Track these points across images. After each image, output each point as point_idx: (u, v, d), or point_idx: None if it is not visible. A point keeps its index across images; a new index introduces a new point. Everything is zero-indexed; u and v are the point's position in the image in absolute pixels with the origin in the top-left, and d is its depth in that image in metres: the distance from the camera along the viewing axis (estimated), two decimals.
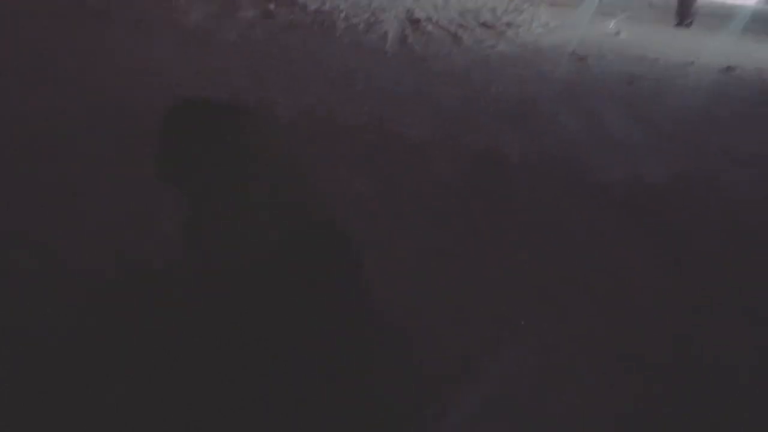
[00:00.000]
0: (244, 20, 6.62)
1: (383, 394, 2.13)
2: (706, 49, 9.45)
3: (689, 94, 6.70)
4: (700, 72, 7.82)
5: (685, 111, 5.94)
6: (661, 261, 3.25)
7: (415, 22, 8.29)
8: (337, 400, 2.01)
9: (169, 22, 6.24)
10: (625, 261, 3.20)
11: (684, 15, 11.17)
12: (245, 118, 2.57)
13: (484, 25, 9.21)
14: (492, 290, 2.74)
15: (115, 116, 3.84)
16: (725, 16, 12.47)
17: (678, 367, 2.44)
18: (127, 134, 3.49)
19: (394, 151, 4.12)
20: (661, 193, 4.07)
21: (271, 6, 7.02)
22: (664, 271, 3.15)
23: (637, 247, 3.37)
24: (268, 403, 1.96)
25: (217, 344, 2.05)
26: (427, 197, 3.59)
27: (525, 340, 2.40)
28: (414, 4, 8.98)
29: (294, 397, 1.98)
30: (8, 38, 5.00)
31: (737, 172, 4.40)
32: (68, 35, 5.29)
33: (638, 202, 3.89)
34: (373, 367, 2.15)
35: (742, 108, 6.50)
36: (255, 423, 1.98)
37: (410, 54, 6.79)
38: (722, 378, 2.37)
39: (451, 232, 3.25)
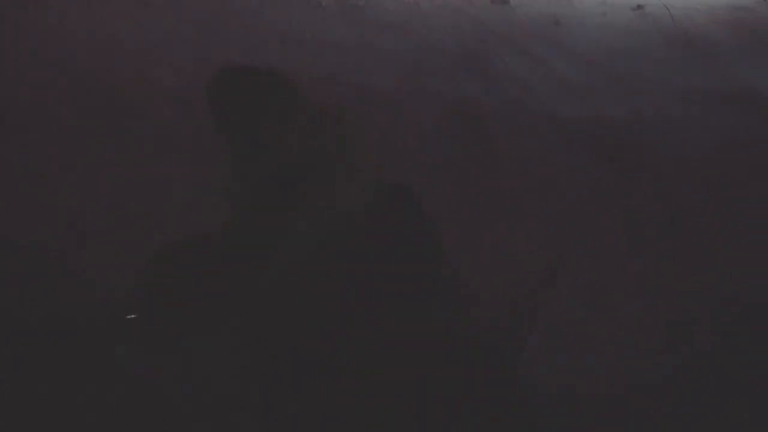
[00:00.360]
0: None
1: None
2: None
3: (612, 32, 6.96)
4: (614, 11, 8.11)
5: (616, 49, 6.20)
6: (621, 193, 3.45)
7: None
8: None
9: None
10: (589, 192, 3.37)
11: None
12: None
13: None
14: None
15: None
16: None
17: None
18: None
19: (368, 104, 4.11)
20: (618, 128, 4.28)
21: None
22: (620, 201, 3.35)
23: (599, 180, 3.55)
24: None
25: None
26: (413, 151, 3.63)
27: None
28: None
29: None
30: None
31: (683, 107, 4.66)
32: None
33: (597, 137, 4.08)
34: None
35: (660, 44, 6.84)
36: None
37: (344, 3, 6.67)
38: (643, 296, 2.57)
39: (441, 187, 3.32)
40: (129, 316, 2.10)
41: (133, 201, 2.87)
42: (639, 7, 8.49)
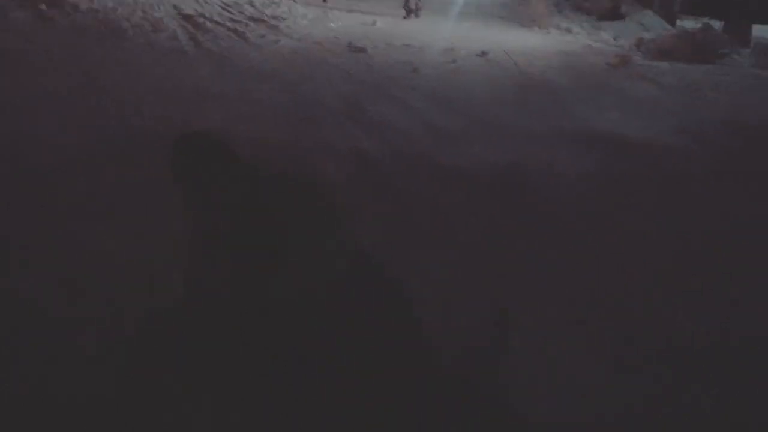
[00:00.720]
0: (19, 22, 5.95)
1: None
2: (445, 35, 10.59)
3: (465, 77, 7.47)
4: (462, 57, 8.69)
5: (474, 94, 6.65)
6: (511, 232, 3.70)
7: (187, 18, 8.07)
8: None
9: None
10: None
11: (409, 10, 12.51)
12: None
13: (253, 18, 9.25)
14: None
15: None
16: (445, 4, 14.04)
17: None
18: None
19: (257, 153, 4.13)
20: (500, 170, 4.57)
21: (43, 6, 6.36)
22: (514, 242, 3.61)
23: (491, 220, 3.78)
24: None
25: None
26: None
27: None
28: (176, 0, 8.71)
29: None
30: None
31: (546, 148, 5.08)
32: None
33: (484, 180, 4.34)
34: None
35: (510, 88, 7.41)
36: None
37: (209, 52, 6.65)
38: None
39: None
40: None
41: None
42: (483, 53, 9.18)
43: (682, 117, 6.36)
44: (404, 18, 12.37)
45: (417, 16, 12.51)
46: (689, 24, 16.42)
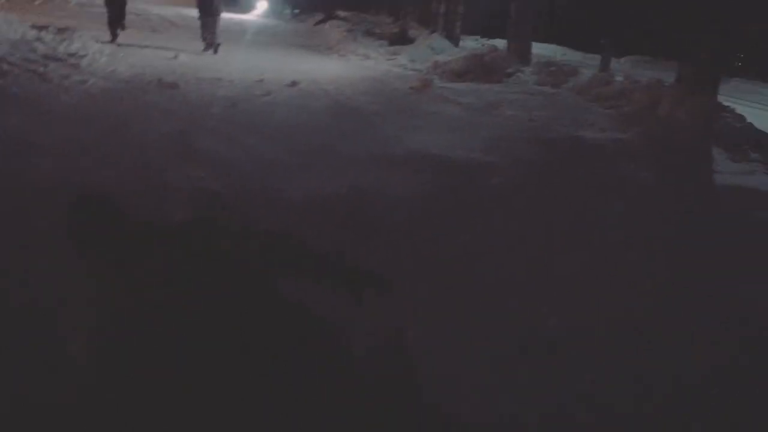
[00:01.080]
0: None
1: None
2: (251, 66, 10.72)
3: (284, 110, 7.65)
4: (275, 89, 8.86)
5: (294, 124, 6.85)
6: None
7: None
8: None
9: None
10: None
11: (208, 43, 12.14)
12: None
13: (48, 57, 8.74)
14: None
15: None
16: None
17: None
18: None
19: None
20: (339, 199, 4.80)
21: None
22: None
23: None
24: None
25: None
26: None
27: None
28: None
29: None
30: None
31: (382, 175, 5.39)
32: None
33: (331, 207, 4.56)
34: None
35: (326, 115, 7.69)
36: None
37: (13, 98, 6.24)
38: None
39: None
40: None
41: None
42: (293, 83, 9.41)
43: (487, 135, 7.02)
44: (204, 51, 12.12)
45: (215, 51, 12.06)
46: (471, 43, 18.00)
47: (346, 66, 12.14)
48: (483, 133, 7.15)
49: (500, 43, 16.05)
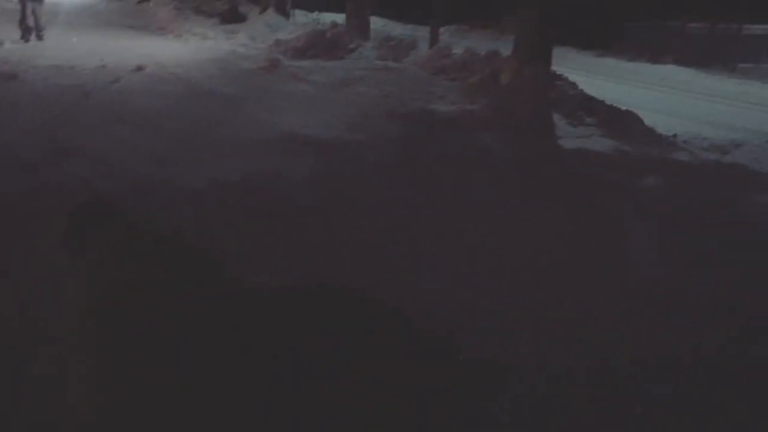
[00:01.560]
0: None
1: None
2: (87, 51, 10.20)
3: (140, 97, 7.44)
4: (122, 75, 8.55)
5: (159, 112, 6.72)
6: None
7: None
8: None
9: None
10: None
11: (28, 29, 11.14)
12: None
13: None
14: None
15: None
16: None
17: None
18: None
19: None
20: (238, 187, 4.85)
21: None
22: None
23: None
24: None
25: None
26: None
27: None
28: None
29: None
30: None
31: (265, 158, 5.48)
32: None
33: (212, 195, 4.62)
34: None
35: (186, 101, 7.57)
36: None
37: None
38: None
39: None
40: None
41: None
42: (139, 68, 9.06)
43: (348, 113, 7.30)
44: (24, 40, 10.95)
45: (40, 38, 11.09)
46: (302, 18, 18.01)
47: (186, 47, 11.83)
48: (343, 111, 7.41)
49: (329, 17, 16.29)
